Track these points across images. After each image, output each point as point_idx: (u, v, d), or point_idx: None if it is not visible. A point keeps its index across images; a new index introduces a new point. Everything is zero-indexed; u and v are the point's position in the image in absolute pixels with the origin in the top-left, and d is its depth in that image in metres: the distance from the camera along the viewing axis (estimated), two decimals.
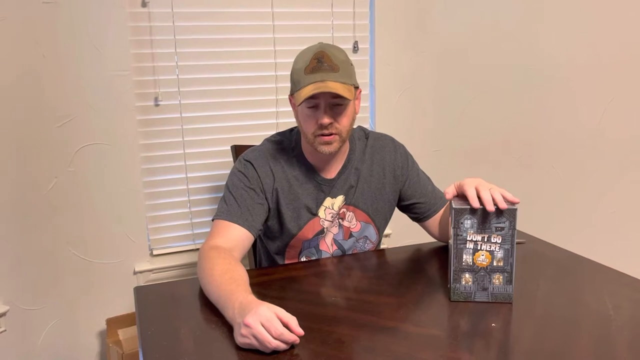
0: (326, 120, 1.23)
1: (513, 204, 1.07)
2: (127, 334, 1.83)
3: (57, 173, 1.79)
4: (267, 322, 0.92)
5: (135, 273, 1.94)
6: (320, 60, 1.22)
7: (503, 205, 1.06)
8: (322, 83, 1.20)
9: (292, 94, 1.30)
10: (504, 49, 2.27)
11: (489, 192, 1.08)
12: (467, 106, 2.27)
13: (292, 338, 0.92)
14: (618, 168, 2.54)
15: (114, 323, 1.86)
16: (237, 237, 1.25)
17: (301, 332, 0.93)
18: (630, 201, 2.58)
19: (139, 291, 1.20)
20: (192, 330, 1.02)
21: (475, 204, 1.08)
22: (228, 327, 1.00)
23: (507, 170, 2.35)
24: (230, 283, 1.06)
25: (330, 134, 1.25)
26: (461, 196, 1.14)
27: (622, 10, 2.39)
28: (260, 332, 0.91)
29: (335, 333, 1.00)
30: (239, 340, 0.94)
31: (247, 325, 0.92)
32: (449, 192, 1.16)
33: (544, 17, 2.30)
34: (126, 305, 1.93)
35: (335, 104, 1.24)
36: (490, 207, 1.06)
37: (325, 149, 1.26)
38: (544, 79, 2.36)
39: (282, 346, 0.92)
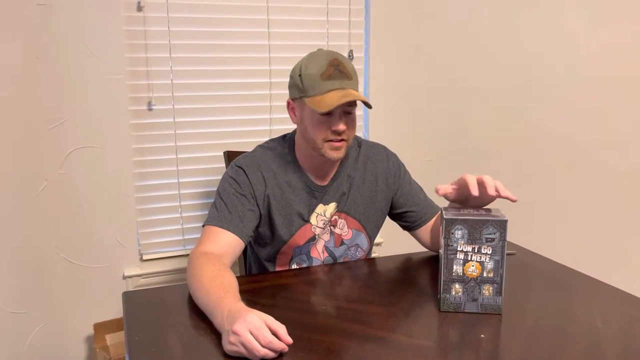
0: (342, 126, 1.25)
1: (512, 200, 1.13)
2: (115, 340, 1.82)
3: (47, 176, 1.78)
4: (256, 330, 0.91)
5: (124, 278, 1.92)
6: (337, 68, 1.23)
7: (505, 192, 1.13)
8: (344, 91, 1.22)
9: (296, 98, 1.29)
10: (498, 61, 2.29)
11: (492, 179, 1.14)
12: (460, 117, 2.28)
13: (281, 346, 0.92)
14: (607, 181, 2.56)
15: (102, 328, 1.85)
16: (227, 244, 1.25)
17: (290, 340, 0.93)
18: (621, 215, 2.60)
19: (128, 296, 1.19)
20: (180, 336, 1.01)
21: (475, 191, 1.12)
22: (216, 334, 1.00)
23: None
24: (220, 290, 1.06)
25: (341, 140, 1.27)
26: (453, 206, 1.14)
27: (615, 23, 2.42)
28: (248, 340, 0.90)
29: (325, 342, 0.99)
30: (227, 347, 0.93)
31: (235, 333, 0.91)
32: (441, 188, 1.18)
33: (537, 30, 2.32)
34: (114, 310, 1.92)
35: (347, 112, 1.26)
36: (492, 191, 1.13)
37: (335, 154, 1.28)
38: (537, 91, 2.38)
39: (271, 354, 0.91)
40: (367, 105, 1.24)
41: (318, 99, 1.22)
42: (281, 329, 0.93)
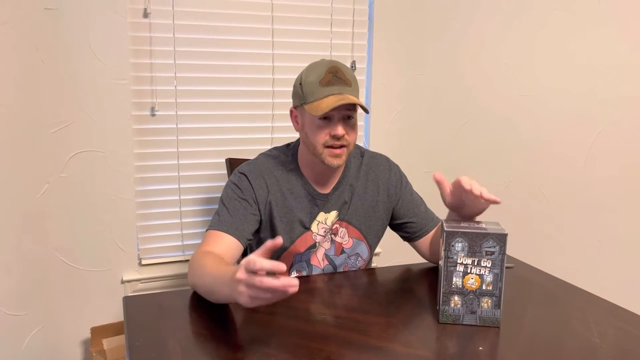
0: (341, 131, 1.26)
1: (496, 202, 1.18)
2: (112, 344, 1.82)
3: (49, 178, 1.78)
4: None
5: (122, 282, 1.92)
6: (335, 75, 1.26)
7: (488, 195, 1.18)
8: (342, 95, 1.24)
9: (298, 106, 1.31)
10: (498, 76, 2.31)
11: (477, 183, 1.19)
12: (459, 130, 2.30)
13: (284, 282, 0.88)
14: (605, 197, 2.57)
15: (99, 332, 1.85)
16: (227, 246, 1.26)
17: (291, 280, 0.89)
18: (616, 230, 2.61)
19: (128, 301, 1.20)
20: (180, 342, 1.02)
21: (467, 185, 1.17)
22: (216, 341, 1.00)
23: (495, 194, 2.37)
24: (224, 266, 1.08)
25: (341, 146, 1.28)
26: (453, 219, 1.15)
27: (614, 45, 2.45)
28: (253, 277, 0.88)
29: (324, 351, 1.00)
30: (241, 300, 0.91)
31: (239, 280, 0.90)
32: (438, 175, 1.22)
33: (538, 47, 2.35)
34: (112, 314, 1.92)
35: (347, 117, 1.28)
36: (477, 192, 1.17)
37: (334, 161, 1.29)
38: (537, 107, 2.40)
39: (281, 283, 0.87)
40: (365, 109, 1.26)
41: (316, 104, 1.25)
42: (275, 265, 0.89)
